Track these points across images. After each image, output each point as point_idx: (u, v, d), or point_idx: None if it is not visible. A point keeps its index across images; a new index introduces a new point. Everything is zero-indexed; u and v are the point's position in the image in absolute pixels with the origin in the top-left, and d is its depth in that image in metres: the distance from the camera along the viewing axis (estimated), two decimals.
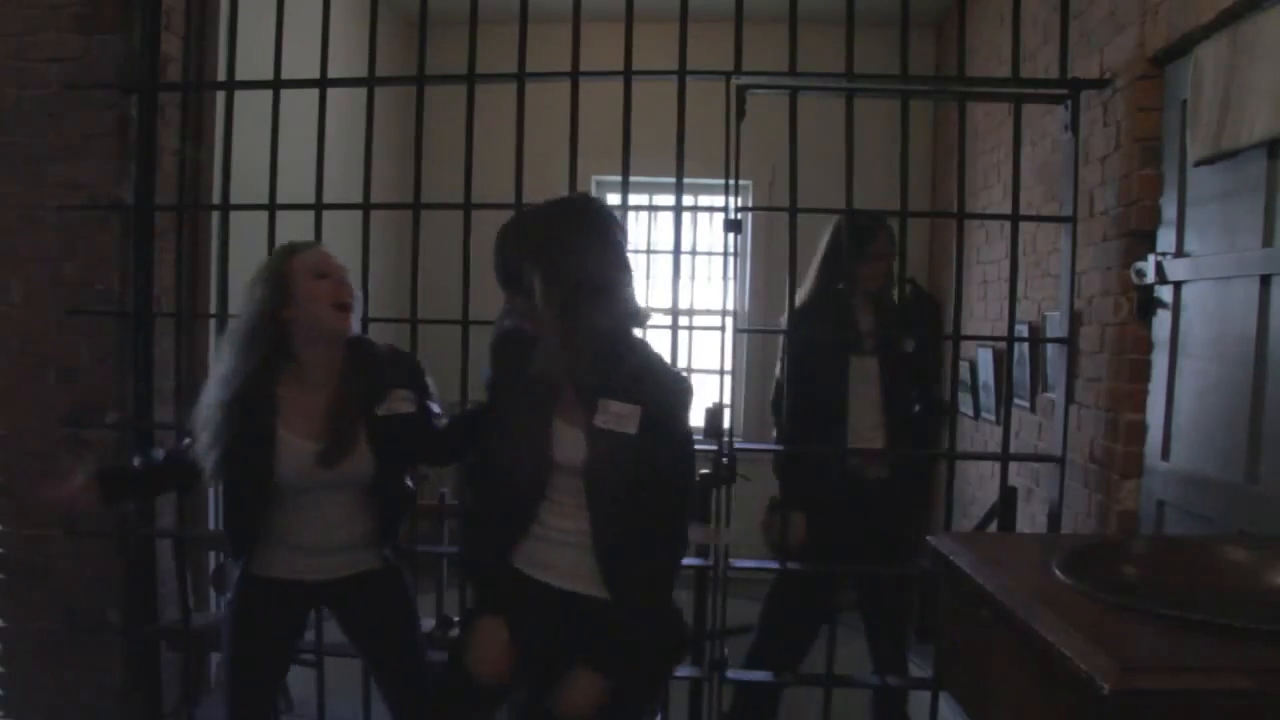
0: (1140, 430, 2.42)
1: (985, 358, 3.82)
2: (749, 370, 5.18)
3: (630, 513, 1.79)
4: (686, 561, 2.76)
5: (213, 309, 2.97)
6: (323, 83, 2.79)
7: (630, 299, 1.86)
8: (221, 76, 2.93)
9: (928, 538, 1.48)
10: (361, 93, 2.85)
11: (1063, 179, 2.75)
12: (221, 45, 2.91)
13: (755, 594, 3.04)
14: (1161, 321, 2.36)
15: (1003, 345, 3.00)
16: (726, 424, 2.74)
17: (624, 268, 1.85)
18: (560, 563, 1.86)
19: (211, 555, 3.12)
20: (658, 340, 5.69)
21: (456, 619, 2.54)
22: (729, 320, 4.19)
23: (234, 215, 2.91)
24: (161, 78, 2.91)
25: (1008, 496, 2.83)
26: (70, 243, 2.89)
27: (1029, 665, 1.09)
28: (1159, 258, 2.32)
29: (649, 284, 5.36)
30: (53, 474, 2.16)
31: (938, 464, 3.06)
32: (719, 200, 5.21)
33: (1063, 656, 0.97)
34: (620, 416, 1.78)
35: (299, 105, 2.89)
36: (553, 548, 1.86)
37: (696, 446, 2.88)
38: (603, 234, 1.81)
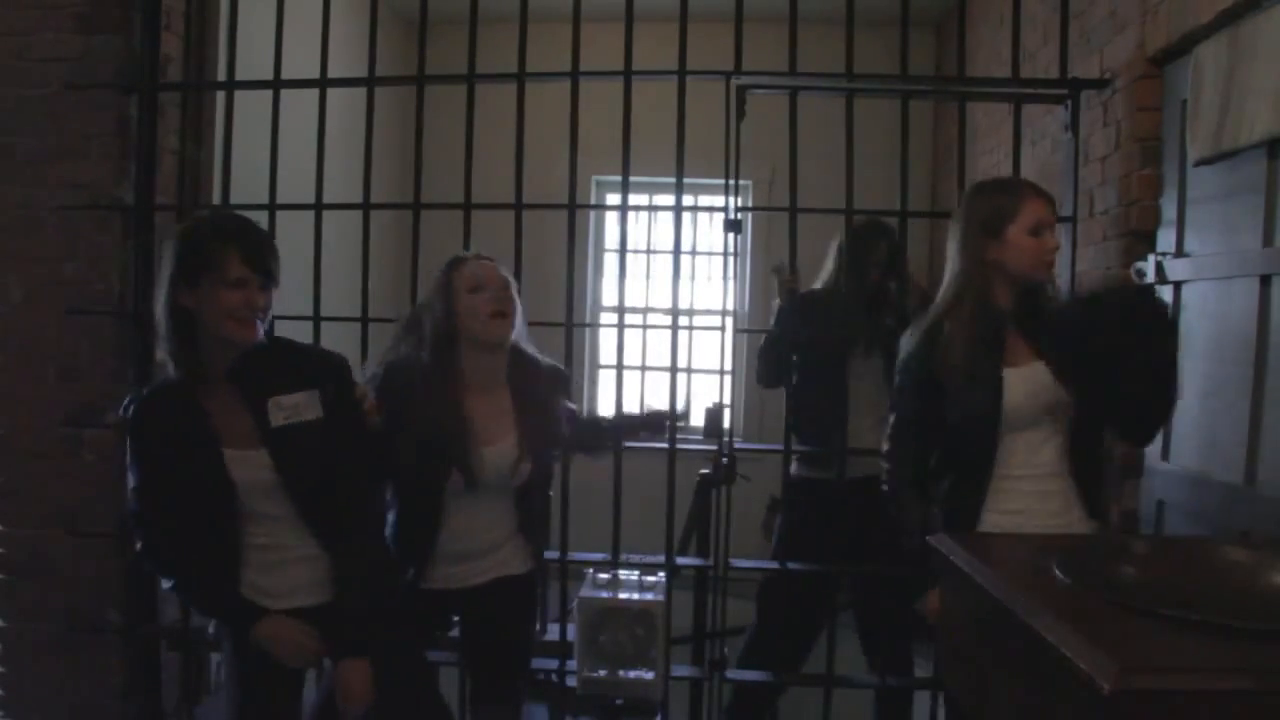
0: None
1: None
2: (749, 370, 5.17)
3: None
4: (686, 561, 2.78)
5: None
6: (323, 83, 2.80)
7: None
8: (221, 76, 2.92)
9: (927, 538, 1.48)
10: (361, 93, 2.85)
11: (1063, 179, 2.75)
12: (221, 45, 2.91)
13: (755, 594, 3.04)
14: None
15: None
16: (726, 424, 2.74)
17: None
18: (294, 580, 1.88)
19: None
20: (658, 340, 5.63)
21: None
22: (729, 320, 4.18)
23: None
24: (161, 78, 2.91)
25: None
26: (70, 243, 2.88)
27: (1029, 665, 1.09)
28: (1159, 258, 2.32)
29: (649, 284, 5.37)
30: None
31: None
32: (719, 200, 5.21)
33: (1063, 656, 0.97)
34: (293, 407, 1.83)
35: (299, 105, 2.89)
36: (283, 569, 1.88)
37: (697, 446, 2.90)
38: None
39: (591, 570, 2.45)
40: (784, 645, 2.92)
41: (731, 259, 3.14)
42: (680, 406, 2.69)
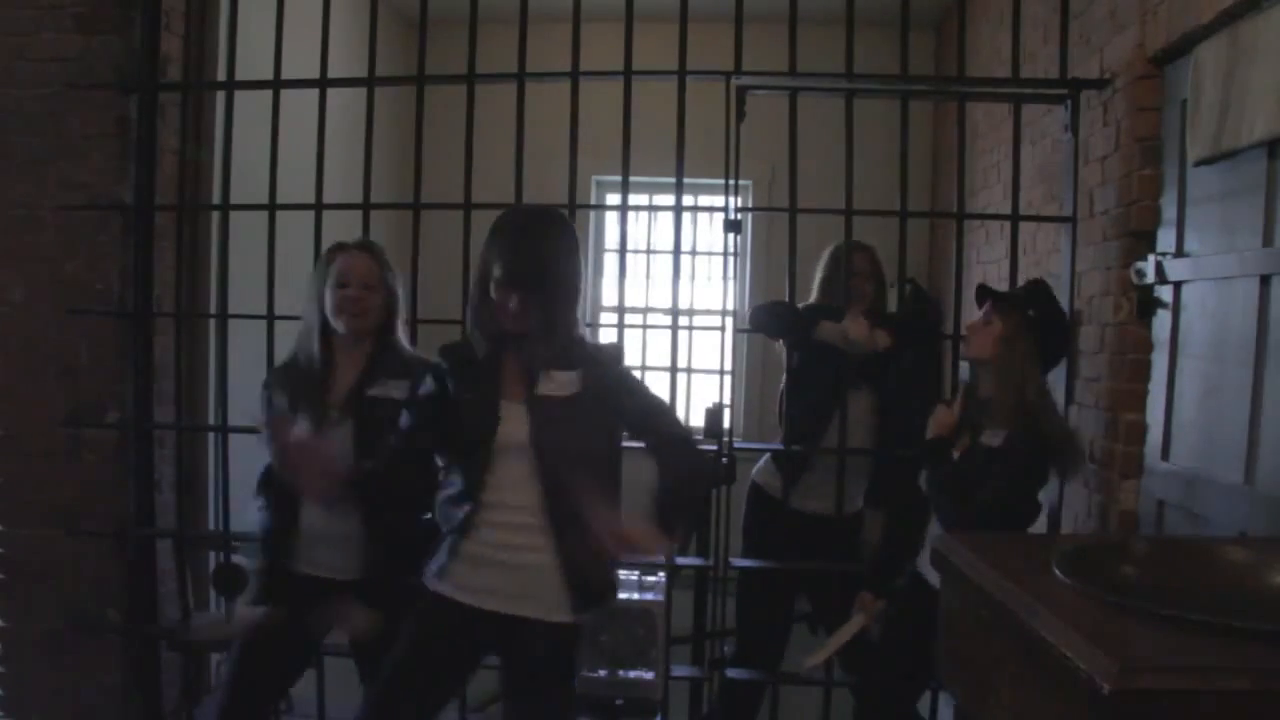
0: (1140, 430, 2.42)
1: None
2: (749, 370, 5.18)
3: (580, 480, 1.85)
4: (686, 561, 2.78)
5: (213, 309, 2.97)
6: (323, 83, 2.80)
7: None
8: (221, 76, 2.93)
9: (927, 538, 1.48)
10: (361, 93, 2.85)
11: (1063, 179, 2.75)
12: (221, 45, 2.91)
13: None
14: (1161, 321, 2.36)
15: None
16: (726, 424, 2.74)
17: None
18: (504, 588, 1.87)
19: (211, 555, 3.12)
20: (657, 340, 5.61)
21: None
22: (729, 320, 4.18)
23: (234, 215, 2.91)
24: (161, 77, 2.91)
25: None
26: (70, 243, 2.89)
27: (1029, 665, 1.09)
28: (1159, 258, 2.32)
29: (649, 284, 5.37)
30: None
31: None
32: (719, 200, 5.21)
33: (1063, 656, 0.97)
34: (561, 383, 1.89)
35: (299, 105, 2.89)
36: (496, 571, 1.87)
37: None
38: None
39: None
40: (755, 646, 2.91)
41: (731, 259, 3.14)
42: None
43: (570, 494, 1.79)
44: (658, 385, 5.24)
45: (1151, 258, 2.34)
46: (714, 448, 2.71)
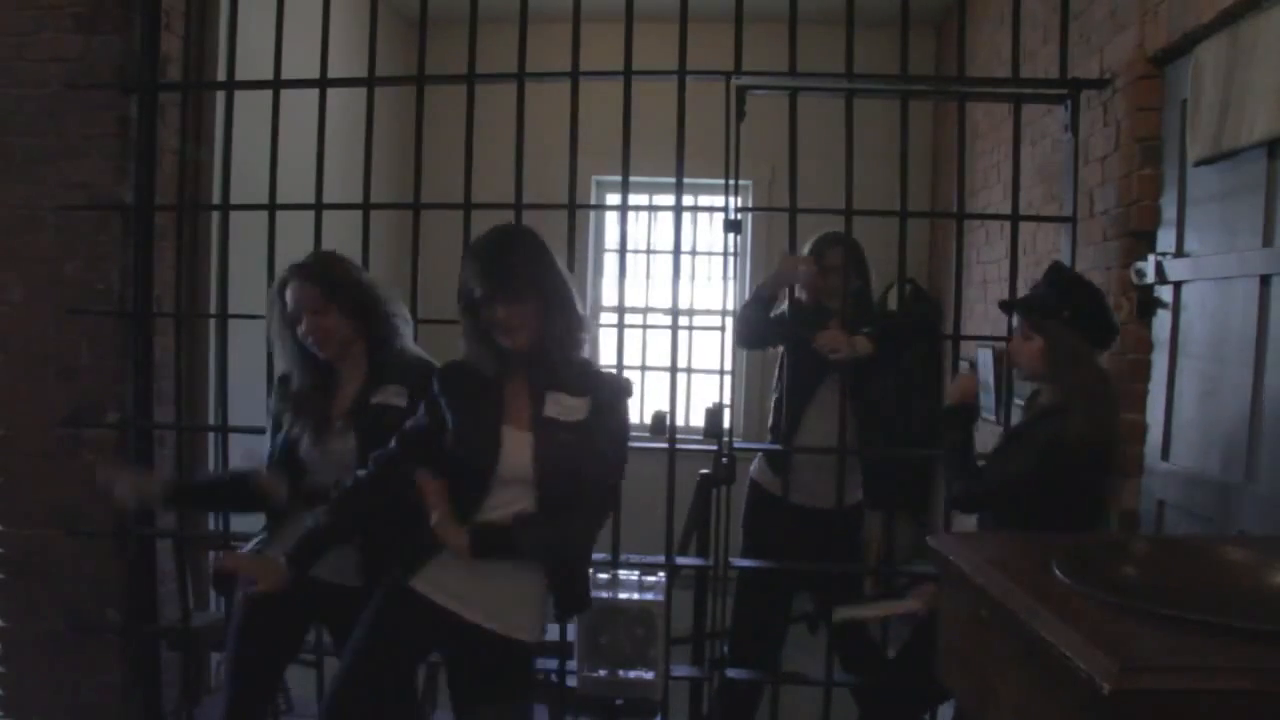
0: (1140, 430, 2.42)
1: (985, 358, 3.82)
2: (749, 370, 5.18)
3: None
4: (686, 561, 2.78)
5: (213, 309, 2.98)
6: (323, 83, 2.80)
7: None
8: (221, 76, 2.93)
9: (927, 538, 1.48)
10: (361, 93, 2.85)
11: (1063, 179, 2.75)
12: (221, 45, 2.91)
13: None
14: (1161, 321, 2.36)
15: (1003, 345, 3.00)
16: (726, 424, 2.74)
17: None
18: (476, 595, 1.87)
19: (211, 555, 3.12)
20: (658, 340, 5.64)
21: None
22: (729, 320, 4.18)
23: (234, 215, 2.91)
24: (161, 77, 2.91)
25: None
26: (70, 243, 2.89)
27: (1029, 665, 1.09)
28: (1159, 258, 2.32)
29: (649, 284, 5.37)
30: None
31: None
32: (719, 200, 5.21)
33: (1063, 656, 0.97)
34: (569, 407, 1.87)
35: (299, 105, 2.89)
36: (473, 578, 1.87)
37: (697, 446, 2.91)
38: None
39: (591, 570, 2.46)
40: (750, 641, 2.91)
41: (731, 259, 3.15)
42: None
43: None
44: (657, 385, 5.26)
45: (1151, 258, 2.35)
46: (714, 447, 2.71)
